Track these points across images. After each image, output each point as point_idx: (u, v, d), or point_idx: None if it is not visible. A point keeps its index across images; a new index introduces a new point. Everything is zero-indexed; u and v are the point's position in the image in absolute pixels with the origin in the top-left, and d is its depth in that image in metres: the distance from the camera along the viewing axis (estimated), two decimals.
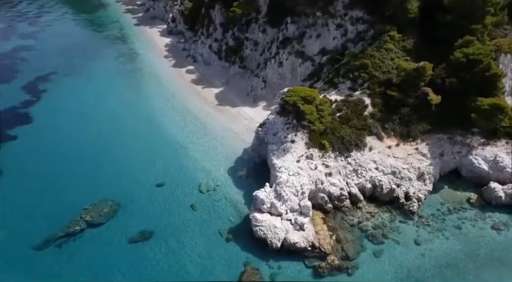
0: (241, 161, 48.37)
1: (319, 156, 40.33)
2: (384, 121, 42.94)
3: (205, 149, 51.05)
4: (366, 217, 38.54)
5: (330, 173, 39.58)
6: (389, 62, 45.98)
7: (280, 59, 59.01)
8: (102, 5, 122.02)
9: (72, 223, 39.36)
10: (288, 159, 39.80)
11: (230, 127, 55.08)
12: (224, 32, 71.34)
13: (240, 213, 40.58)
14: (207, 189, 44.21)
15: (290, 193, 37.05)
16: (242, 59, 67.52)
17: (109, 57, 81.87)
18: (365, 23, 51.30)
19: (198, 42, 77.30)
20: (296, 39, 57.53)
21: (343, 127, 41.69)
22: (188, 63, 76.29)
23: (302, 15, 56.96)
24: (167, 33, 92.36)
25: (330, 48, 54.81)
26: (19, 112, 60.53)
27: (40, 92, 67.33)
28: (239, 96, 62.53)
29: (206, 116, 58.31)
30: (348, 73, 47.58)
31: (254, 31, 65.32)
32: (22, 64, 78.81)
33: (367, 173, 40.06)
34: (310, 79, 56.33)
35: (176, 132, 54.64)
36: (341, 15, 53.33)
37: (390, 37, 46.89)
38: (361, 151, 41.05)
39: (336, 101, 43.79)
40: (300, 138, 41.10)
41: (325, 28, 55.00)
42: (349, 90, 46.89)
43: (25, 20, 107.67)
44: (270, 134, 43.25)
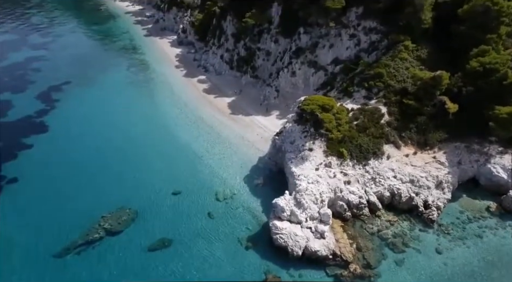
0: (257, 169, 48.55)
1: (338, 164, 40.50)
2: (401, 129, 43.18)
3: (220, 157, 51.28)
4: (386, 225, 38.47)
5: (349, 182, 39.68)
6: (403, 71, 46.40)
7: (293, 68, 59.62)
8: (111, 16, 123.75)
9: (91, 231, 39.46)
10: (307, 167, 39.96)
11: (244, 136, 55.40)
12: (236, 43, 72.24)
13: (259, 221, 40.59)
14: (224, 197, 44.31)
15: (310, 200, 37.09)
16: (254, 69, 68.21)
17: (121, 68, 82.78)
18: (378, 33, 51.93)
19: (209, 52, 78.24)
20: (309, 49, 58.23)
21: (360, 136, 41.92)
22: (199, 73, 77.04)
23: (314, 26, 57.73)
24: (177, 44, 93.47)
25: (343, 58, 55.39)
26: (34, 121, 61.13)
27: (53, 101, 68.01)
28: (252, 106, 62.99)
29: (220, 125, 58.69)
30: (363, 83, 47.98)
31: (266, 41, 66.14)
32: (35, 75, 79.68)
33: (385, 182, 40.10)
34: (323, 88, 56.78)
35: (191, 141, 54.95)
36: (354, 25, 54.05)
37: (404, 47, 47.43)
38: (379, 160, 41.18)
39: (352, 110, 44.13)
40: (317, 146, 41.32)
41: (338, 38, 55.69)
42: (364, 99, 47.25)
43: (36, 31, 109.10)
44: (287, 142, 43.50)
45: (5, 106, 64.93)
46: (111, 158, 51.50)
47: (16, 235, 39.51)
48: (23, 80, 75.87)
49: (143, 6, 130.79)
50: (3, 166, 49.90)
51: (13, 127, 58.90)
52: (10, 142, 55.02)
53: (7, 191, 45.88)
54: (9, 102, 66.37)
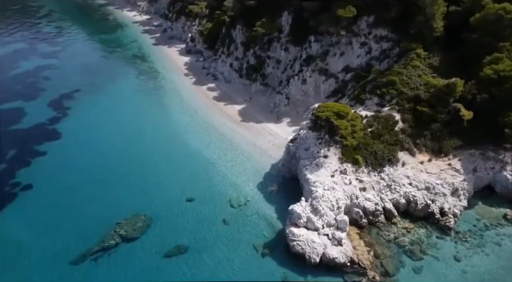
0: (270, 176, 48.64)
1: (353, 171, 40.53)
2: (415, 136, 43.26)
3: (232, 164, 51.42)
4: (402, 232, 38.35)
5: (364, 188, 39.66)
6: (416, 78, 46.68)
7: (304, 76, 60.06)
8: (119, 26, 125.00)
9: (107, 237, 39.49)
10: (322, 174, 39.99)
11: (255, 143, 55.60)
12: (245, 51, 72.91)
13: (274, 228, 40.52)
14: (238, 204, 44.34)
15: (326, 207, 37.06)
16: (264, 77, 68.74)
17: (130, 76, 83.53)
18: (389, 41, 52.39)
19: (218, 60, 78.91)
20: (320, 57, 58.73)
21: (375, 143, 42.02)
22: (209, 81, 77.65)
23: (325, 34, 58.34)
24: (186, 52, 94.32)
25: (354, 65, 55.80)
26: (46, 128, 61.57)
27: (65, 109, 68.53)
28: (262, 113, 63.32)
29: (231, 132, 58.96)
30: (375, 90, 48.26)
31: (276, 49, 66.77)
32: (46, 83, 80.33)
33: (401, 189, 40.07)
34: (334, 95, 57.10)
35: (203, 148, 55.17)
36: (365, 33, 54.57)
37: (416, 55, 47.80)
38: (394, 167, 41.20)
39: (366, 117, 44.32)
40: (332, 153, 41.41)
41: (349, 46, 56.18)
42: (377, 106, 47.48)
43: (46, 40, 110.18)
44: (302, 149, 43.63)
45: (18, 113, 65.53)
46: (124, 165, 51.71)
47: (32, 242, 39.61)
48: (34, 88, 76.57)
49: (150, 16, 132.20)
50: (17, 173, 50.20)
51: (26, 135, 59.35)
52: (24, 149, 55.42)
53: (22, 197, 46.06)
54: (22, 110, 66.94)
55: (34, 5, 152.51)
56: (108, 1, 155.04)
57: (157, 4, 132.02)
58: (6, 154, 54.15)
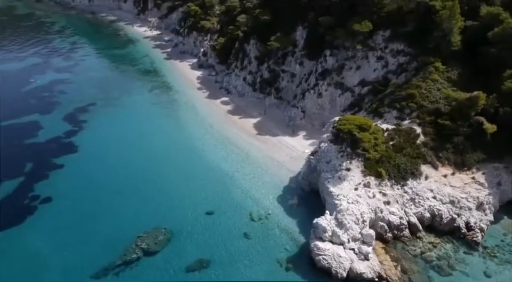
0: (289, 189, 48.40)
1: (376, 184, 40.24)
2: (437, 150, 43.06)
3: (250, 177, 51.25)
4: (428, 247, 37.79)
5: (388, 202, 39.29)
6: (435, 92, 46.78)
7: (320, 90, 60.42)
8: (131, 41, 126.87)
9: (128, 251, 39.14)
10: (345, 187, 39.72)
11: (272, 156, 55.53)
12: (259, 65, 73.68)
13: (297, 242, 40.06)
14: (258, 217, 43.99)
15: (351, 221, 36.66)
16: (278, 90, 69.20)
17: (144, 90, 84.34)
18: (406, 55, 52.76)
19: (232, 74, 79.67)
20: (336, 70, 59.17)
21: (397, 156, 41.85)
22: (222, 94, 78.25)
23: (341, 48, 58.91)
24: (198, 67, 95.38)
25: (371, 79, 56.09)
26: (63, 142, 61.86)
27: (80, 122, 68.95)
28: (278, 126, 63.47)
29: (247, 145, 58.99)
30: (394, 103, 48.33)
31: (290, 63, 67.43)
32: (61, 96, 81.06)
33: (425, 202, 39.65)
34: (350, 109, 57.22)
35: (220, 161, 55.12)
36: (381, 48, 55.07)
37: (435, 68, 48.04)
38: (417, 180, 40.89)
39: (387, 130, 44.25)
40: (355, 166, 41.23)
41: (365, 60, 56.64)
42: (396, 119, 47.42)
43: (59, 55, 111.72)
44: (323, 162, 43.49)
45: (35, 126, 66.02)
46: (142, 178, 51.62)
47: (52, 255, 39.31)
48: (49, 102, 77.32)
49: (161, 31, 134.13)
50: (36, 186, 50.22)
51: (43, 148, 59.64)
52: (41, 162, 55.58)
53: (41, 210, 45.96)
54: (38, 123, 67.48)
55: (47, 21, 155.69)
56: (118, 17, 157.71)
57: (167, 20, 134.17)
58: (24, 167, 54.29)
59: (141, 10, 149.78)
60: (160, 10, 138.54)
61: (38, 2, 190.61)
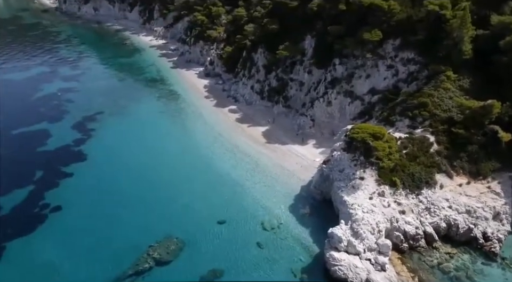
0: (301, 198, 48.03)
1: (391, 193, 39.86)
2: (451, 159, 42.74)
3: (261, 186, 50.94)
4: (445, 258, 37.23)
5: (403, 211, 38.85)
6: (448, 100, 46.65)
7: (329, 98, 60.37)
8: (137, 50, 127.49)
9: (140, 261, 38.80)
10: (360, 196, 39.35)
11: (282, 165, 55.23)
12: (267, 74, 73.85)
13: (310, 252, 39.59)
14: (271, 227, 43.59)
15: (367, 231, 36.21)
16: (287, 99, 69.19)
17: (151, 98, 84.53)
18: (416, 64, 52.76)
19: (239, 83, 79.84)
20: (345, 79, 59.18)
21: (411, 165, 41.53)
22: (230, 103, 78.24)
23: (350, 57, 58.99)
24: (204, 75, 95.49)
25: (381, 87, 56.04)
26: (72, 150, 61.79)
27: (89, 130, 68.93)
28: (287, 135, 63.27)
29: (257, 153, 58.77)
30: (406, 112, 48.19)
31: (299, 72, 67.55)
32: (69, 105, 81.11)
33: (441, 212, 39.19)
34: (360, 117, 57.08)
35: (230, 170, 54.88)
36: (391, 56, 55.12)
37: (447, 77, 47.97)
38: (432, 189, 40.48)
39: (400, 138, 43.99)
40: (369, 174, 40.90)
41: (375, 69, 56.65)
42: (408, 128, 47.22)
43: (66, 64, 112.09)
44: (336, 171, 43.18)
45: (44, 135, 66.02)
46: (152, 187, 51.42)
47: (63, 266, 39.00)
48: (58, 111, 77.44)
49: (166, 40, 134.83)
50: (46, 194, 50.04)
51: (52, 156, 59.53)
52: (51, 170, 55.45)
53: (51, 219, 45.73)
54: (47, 132, 67.50)
55: (54, 30, 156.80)
56: (124, 26, 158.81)
57: (173, 29, 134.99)
58: (34, 175, 54.15)
59: (147, 20, 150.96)
60: (166, 20, 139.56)
61: (44, 12, 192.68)
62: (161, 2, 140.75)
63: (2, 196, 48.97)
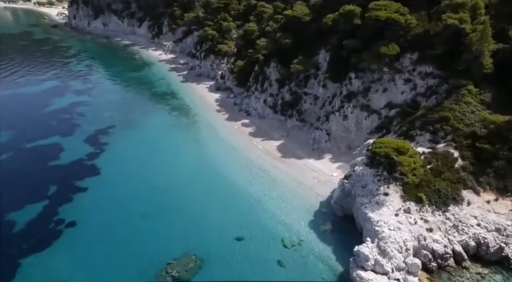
0: (320, 214, 46.92)
1: (416, 210, 38.72)
2: (477, 174, 41.68)
3: (279, 201, 49.92)
4: (476, 278, 35.81)
5: (431, 229, 37.61)
6: (470, 115, 45.86)
7: (345, 112, 59.75)
8: (146, 64, 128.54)
9: (158, 279, 37.72)
10: (385, 213, 38.22)
11: (299, 180, 54.29)
12: (280, 88, 73.66)
13: (334, 271, 38.29)
14: (291, 244, 42.38)
15: (394, 249, 34.95)
16: (301, 113, 68.70)
17: (162, 112, 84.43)
18: (435, 78, 52.22)
19: (252, 97, 79.64)
20: (361, 93, 58.68)
21: (436, 180, 40.45)
22: (242, 117, 77.88)
23: (366, 71, 58.62)
24: (215, 89, 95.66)
25: (398, 101, 55.43)
26: (86, 164, 61.19)
27: (102, 144, 68.49)
28: (302, 149, 62.51)
29: (272, 168, 57.92)
30: (427, 126, 47.40)
31: (313, 86, 67.24)
32: (80, 119, 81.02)
33: (469, 230, 37.90)
34: (377, 132, 56.33)
35: (246, 184, 53.97)
36: (408, 70, 54.68)
37: (468, 91, 47.27)
38: (459, 206, 39.31)
39: (424, 153, 43.05)
40: (393, 190, 39.86)
41: (392, 83, 56.17)
42: (430, 143, 46.36)
43: (77, 78, 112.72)
44: (358, 186, 42.16)
45: (57, 149, 65.59)
46: (166, 202, 50.51)
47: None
48: (70, 124, 77.27)
49: (176, 55, 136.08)
50: (60, 210, 49.19)
51: (66, 170, 58.90)
52: (65, 185, 54.72)
53: (67, 235, 44.71)
54: (60, 146, 67.08)
55: (63, 45, 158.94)
56: (133, 41, 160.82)
57: (182, 44, 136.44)
58: (48, 190, 53.42)
59: (156, 34, 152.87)
60: (175, 35, 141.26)
61: (54, 27, 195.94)
62: (171, 17, 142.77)
63: (17, 211, 48.19)
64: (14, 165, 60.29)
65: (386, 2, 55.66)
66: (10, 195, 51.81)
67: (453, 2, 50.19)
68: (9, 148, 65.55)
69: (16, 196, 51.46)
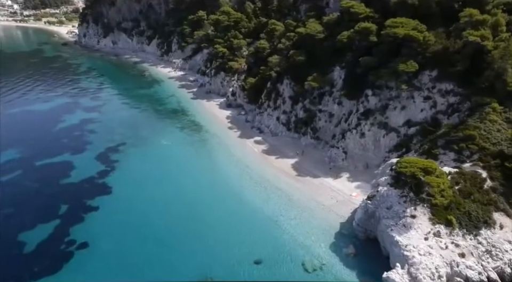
0: (341, 236, 45.01)
1: (447, 233, 36.82)
2: (508, 196, 39.83)
3: (297, 222, 48.13)
4: None
5: (463, 254, 35.61)
6: (496, 133, 44.45)
7: (362, 130, 58.48)
8: (156, 81, 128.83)
9: None
10: (413, 236, 36.37)
11: (317, 200, 52.57)
12: (293, 105, 72.79)
13: None
14: (312, 268, 40.45)
15: (426, 276, 32.97)
16: (315, 130, 67.53)
17: (173, 129, 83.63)
18: (456, 95, 51.06)
19: (264, 114, 78.77)
20: (379, 110, 57.53)
21: (466, 202, 38.66)
22: (254, 134, 76.79)
23: (383, 88, 57.64)
24: (226, 106, 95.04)
25: (418, 119, 54.16)
26: (97, 182, 60.01)
27: (113, 162, 67.37)
28: (318, 167, 60.95)
29: (288, 187, 56.32)
30: (451, 145, 45.96)
31: (328, 103, 66.26)
32: (91, 136, 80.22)
33: (504, 255, 35.85)
34: (397, 150, 54.87)
35: (261, 204, 52.34)
36: (428, 87, 53.62)
37: (492, 109, 45.98)
38: (492, 230, 37.36)
39: (450, 173, 41.40)
40: (421, 212, 38.07)
41: (411, 100, 55.04)
42: (455, 162, 44.79)
43: (87, 95, 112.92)
44: (383, 207, 40.42)
45: (67, 167, 64.59)
46: (180, 222, 48.96)
47: None
48: (80, 142, 76.51)
49: (185, 72, 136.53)
50: (72, 230, 47.70)
51: (77, 189, 57.72)
52: (76, 204, 53.40)
53: (78, 257, 43.08)
54: (71, 163, 66.11)
55: (73, 62, 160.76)
56: (142, 59, 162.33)
57: (191, 61, 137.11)
58: (59, 209, 52.11)
59: (165, 52, 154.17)
60: (184, 52, 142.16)
61: (64, 45, 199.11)
62: (180, 35, 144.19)
63: (28, 231, 46.84)
64: (25, 183, 59.30)
65: (403, 20, 55.16)
66: (21, 214, 50.66)
67: (474, 20, 49.51)
68: (20, 166, 64.72)
69: (27, 216, 50.30)
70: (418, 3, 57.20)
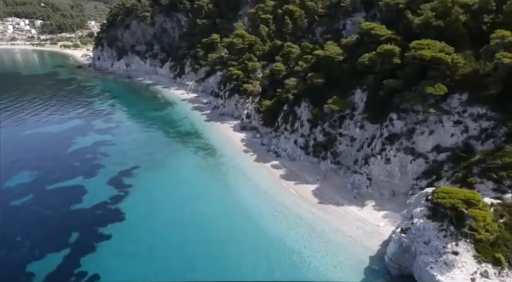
0: (371, 272, 41.55)
1: (495, 273, 33.20)
2: None
3: (322, 255, 44.83)
4: None
5: None
6: None
7: (387, 155, 55.60)
8: (169, 103, 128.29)
9: None
10: (458, 276, 32.87)
11: (342, 230, 49.31)
12: (312, 128, 70.50)
13: None
14: None
15: None
16: (336, 155, 64.83)
17: (188, 152, 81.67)
18: (490, 120, 48.22)
19: (281, 137, 76.53)
20: (405, 135, 54.78)
21: None
22: (271, 158, 74.30)
23: (409, 111, 55.13)
24: (240, 129, 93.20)
25: (448, 145, 51.21)
26: (109, 208, 57.68)
27: (126, 186, 65.21)
28: (340, 194, 57.90)
29: (310, 216, 53.20)
30: (489, 173, 42.75)
31: (349, 127, 63.80)
32: (104, 159, 78.49)
33: None
34: (425, 177, 51.71)
35: (282, 234, 49.24)
36: (458, 111, 50.94)
37: None
38: None
39: (493, 205, 38.09)
40: (463, 248, 34.63)
41: (439, 124, 52.28)
42: (494, 192, 41.45)
43: (100, 118, 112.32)
44: (420, 242, 37.06)
45: (79, 191, 62.53)
46: (198, 252, 46.15)
47: None
48: (93, 165, 74.75)
49: (198, 94, 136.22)
50: (82, 260, 45.05)
51: (89, 215, 55.37)
52: (87, 232, 50.94)
53: None
54: (83, 188, 64.07)
55: (87, 85, 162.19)
56: (155, 81, 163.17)
57: (205, 83, 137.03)
58: (70, 237, 49.66)
59: (178, 74, 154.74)
60: (197, 74, 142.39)
61: (78, 68, 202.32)
62: (193, 58, 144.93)
63: (37, 261, 44.38)
64: (35, 209, 57.16)
65: (430, 41, 53.18)
66: (30, 243, 48.35)
67: (506, 41, 47.28)
68: (32, 190, 62.91)
69: (36, 244, 47.95)
70: (444, 25, 55.37)
